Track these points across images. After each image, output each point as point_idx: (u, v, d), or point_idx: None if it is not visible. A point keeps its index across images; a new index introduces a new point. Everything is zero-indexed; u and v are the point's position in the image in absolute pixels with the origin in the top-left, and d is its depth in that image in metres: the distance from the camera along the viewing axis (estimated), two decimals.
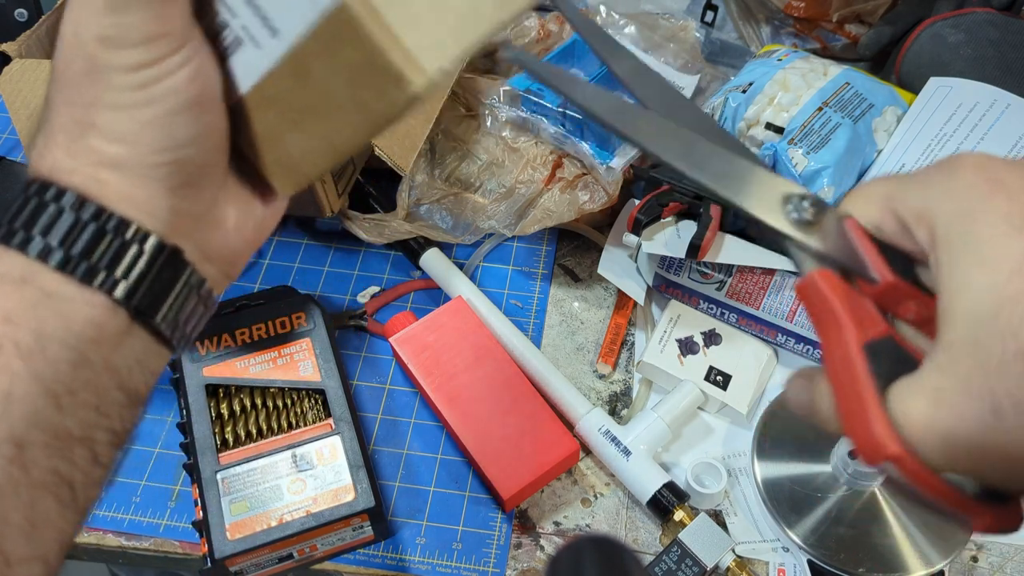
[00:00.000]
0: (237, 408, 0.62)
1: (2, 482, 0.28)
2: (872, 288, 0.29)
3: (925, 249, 0.28)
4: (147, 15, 0.28)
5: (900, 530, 0.57)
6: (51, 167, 0.30)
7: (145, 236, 0.30)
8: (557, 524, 0.62)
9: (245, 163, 0.34)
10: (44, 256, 0.29)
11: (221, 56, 0.31)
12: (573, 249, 0.78)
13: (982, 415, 0.24)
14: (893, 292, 0.29)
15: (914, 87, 0.75)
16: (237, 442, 0.60)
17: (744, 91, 0.71)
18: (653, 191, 0.69)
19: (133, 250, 0.30)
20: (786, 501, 0.59)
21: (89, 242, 0.29)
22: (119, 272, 0.30)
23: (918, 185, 0.28)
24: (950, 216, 0.27)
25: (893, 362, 0.27)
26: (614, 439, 0.62)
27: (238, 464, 0.58)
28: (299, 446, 0.59)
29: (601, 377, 0.69)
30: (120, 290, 0.30)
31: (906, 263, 0.29)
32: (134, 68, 0.29)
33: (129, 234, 0.30)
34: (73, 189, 0.30)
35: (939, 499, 0.26)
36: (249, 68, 0.31)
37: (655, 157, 0.31)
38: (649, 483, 0.60)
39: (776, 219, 0.30)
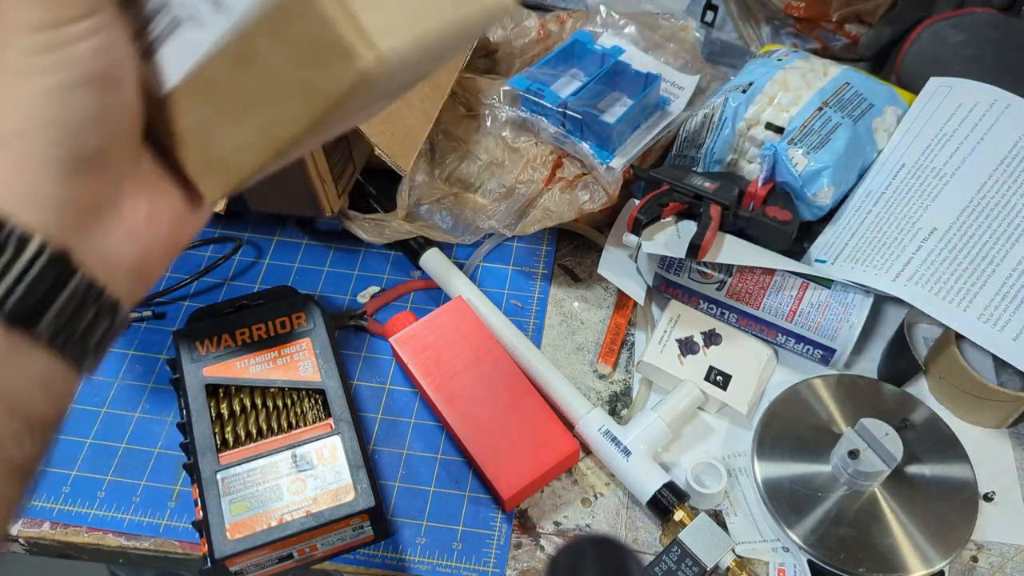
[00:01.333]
0: (237, 408, 0.62)
1: None
2: None
3: None
4: None
5: (900, 530, 0.57)
6: None
7: (24, 236, 0.27)
8: (557, 524, 0.62)
9: (167, 155, 0.32)
10: None
11: (150, 45, 0.29)
12: (573, 249, 0.78)
13: None
14: None
15: (914, 87, 0.75)
16: (237, 442, 0.60)
17: (744, 91, 0.71)
18: (653, 191, 0.69)
19: (8, 252, 0.26)
20: (786, 501, 0.59)
21: None
22: None
23: None
24: None
25: None
26: (614, 439, 0.62)
27: (238, 464, 0.58)
28: (299, 446, 0.59)
29: (601, 377, 0.69)
30: None
31: None
32: (36, 28, 0.26)
33: (4, 233, 0.26)
34: None
35: None
36: (185, 52, 0.29)
37: None
38: (649, 483, 0.60)
39: None
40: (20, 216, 0.27)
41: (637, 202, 0.71)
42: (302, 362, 0.63)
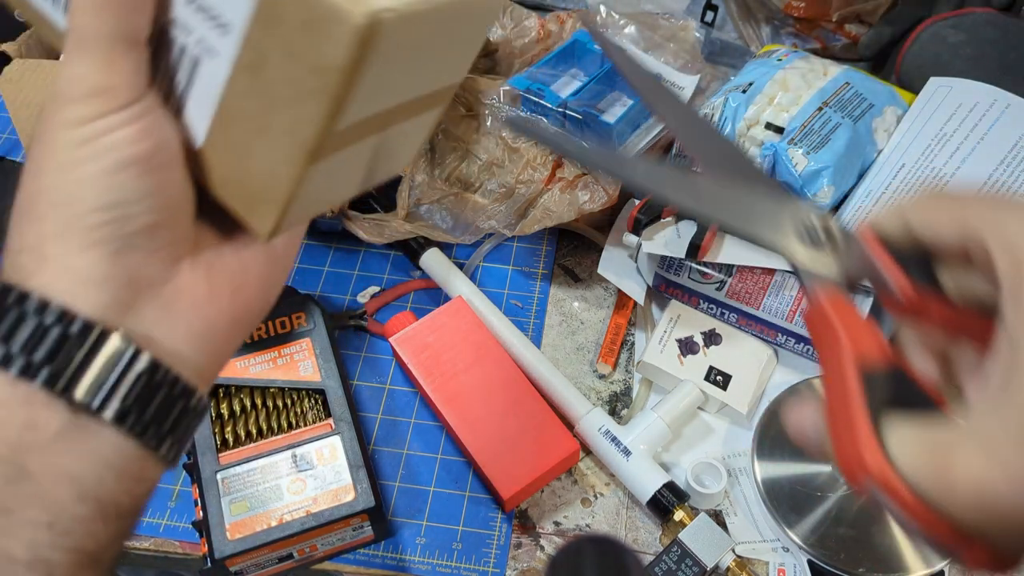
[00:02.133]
0: (237, 408, 0.62)
1: None
2: (896, 303, 0.30)
3: (998, 277, 0.27)
4: (93, 66, 0.27)
5: (900, 530, 0.57)
6: (8, 249, 0.28)
7: (88, 324, 0.27)
8: (557, 524, 0.62)
9: (220, 221, 0.32)
10: None
11: (180, 101, 0.30)
12: (573, 249, 0.78)
13: None
14: (918, 304, 0.30)
15: (914, 87, 0.75)
16: (237, 442, 0.60)
17: (744, 91, 0.71)
18: None
19: (56, 332, 0.27)
20: (786, 501, 0.59)
21: (11, 328, 0.27)
22: (39, 357, 0.26)
23: (1018, 219, 0.27)
24: None
25: (897, 391, 0.27)
26: (614, 439, 0.62)
27: (238, 464, 0.58)
28: (299, 446, 0.59)
29: (601, 377, 0.69)
30: (43, 376, 0.26)
31: (927, 269, 0.30)
32: (77, 123, 0.27)
33: (51, 316, 0.27)
34: (7, 270, 0.27)
35: (929, 531, 0.25)
36: (208, 90, 0.29)
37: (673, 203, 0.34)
38: (649, 483, 0.60)
39: (791, 243, 0.31)
40: (79, 304, 0.27)
41: (637, 202, 0.71)
42: (302, 362, 0.63)
